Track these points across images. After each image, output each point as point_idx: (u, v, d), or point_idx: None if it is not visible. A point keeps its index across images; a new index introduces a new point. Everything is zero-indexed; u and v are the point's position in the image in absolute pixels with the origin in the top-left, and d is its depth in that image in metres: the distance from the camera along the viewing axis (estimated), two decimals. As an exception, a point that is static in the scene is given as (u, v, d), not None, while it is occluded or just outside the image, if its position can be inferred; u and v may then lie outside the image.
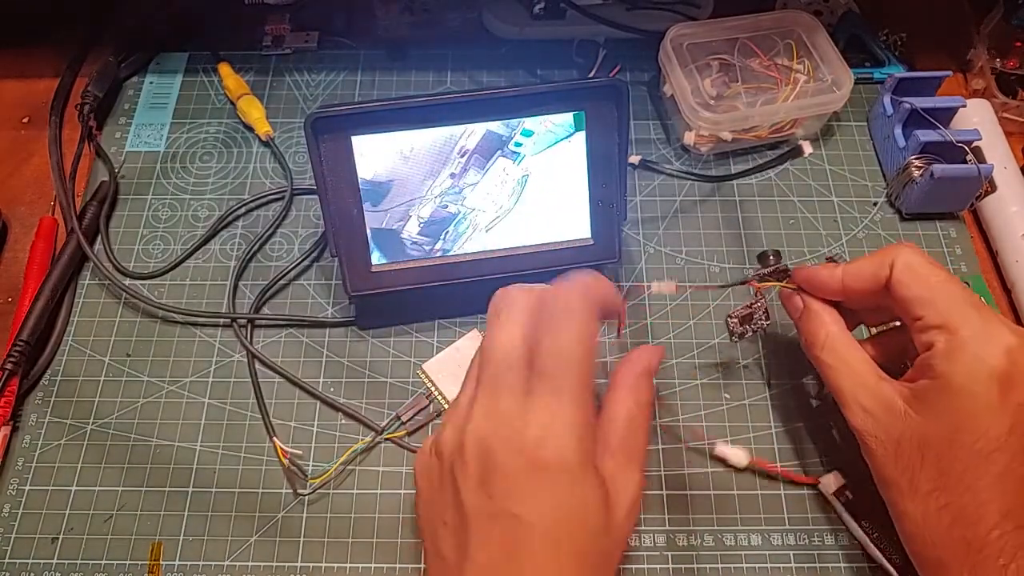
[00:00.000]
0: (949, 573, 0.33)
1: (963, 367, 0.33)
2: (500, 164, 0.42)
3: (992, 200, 0.49)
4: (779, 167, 0.53)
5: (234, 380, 0.45)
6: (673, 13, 0.55)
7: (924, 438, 0.33)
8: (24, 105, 0.56)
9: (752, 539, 0.41)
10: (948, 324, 0.33)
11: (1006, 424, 0.32)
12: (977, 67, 0.56)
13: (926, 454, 0.33)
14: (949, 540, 0.33)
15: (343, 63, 0.57)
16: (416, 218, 0.43)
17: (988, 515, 0.32)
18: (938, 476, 0.33)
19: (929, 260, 0.36)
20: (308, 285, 0.48)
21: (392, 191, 0.42)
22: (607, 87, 0.41)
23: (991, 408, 0.32)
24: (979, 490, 0.32)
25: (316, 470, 0.42)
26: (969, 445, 0.32)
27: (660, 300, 0.47)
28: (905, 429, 0.34)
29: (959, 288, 0.34)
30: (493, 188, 0.43)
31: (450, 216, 0.43)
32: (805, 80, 0.50)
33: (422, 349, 0.46)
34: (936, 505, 0.33)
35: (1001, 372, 0.32)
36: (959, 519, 0.32)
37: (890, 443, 0.35)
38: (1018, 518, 0.32)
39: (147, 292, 0.48)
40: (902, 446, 0.34)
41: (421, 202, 0.43)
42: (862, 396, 0.36)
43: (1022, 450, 0.32)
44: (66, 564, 0.40)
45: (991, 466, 0.32)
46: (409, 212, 0.43)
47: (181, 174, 0.52)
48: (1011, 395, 0.32)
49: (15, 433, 0.43)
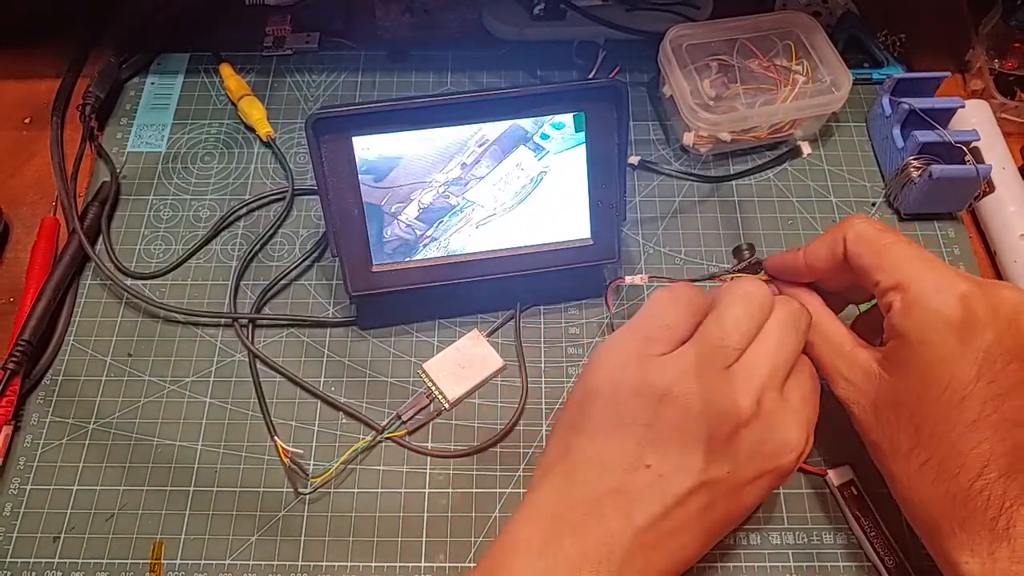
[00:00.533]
0: (942, 531, 0.33)
1: (919, 321, 0.33)
2: (518, 157, 0.42)
3: (990, 200, 0.49)
4: (778, 168, 0.53)
5: (235, 380, 0.45)
6: (672, 14, 0.55)
7: (896, 397, 0.34)
8: (25, 106, 0.56)
9: (751, 538, 0.41)
10: (901, 283, 0.34)
11: (971, 371, 0.32)
12: (975, 68, 0.56)
13: (900, 413, 0.34)
14: (935, 497, 0.33)
15: (344, 64, 0.58)
16: (417, 203, 0.43)
17: (968, 465, 0.32)
18: (915, 433, 0.34)
19: (880, 226, 0.37)
20: (309, 285, 0.48)
21: (397, 171, 0.42)
22: (607, 88, 0.41)
23: (952, 357, 0.32)
24: (954, 440, 0.32)
25: (317, 469, 0.42)
26: (937, 397, 0.33)
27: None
28: (880, 391, 0.35)
29: (909, 247, 0.35)
30: (500, 183, 0.43)
31: (447, 207, 0.43)
32: (804, 81, 0.51)
33: (422, 349, 0.46)
34: (917, 463, 0.33)
35: (957, 320, 0.32)
36: (940, 473, 0.33)
37: (870, 407, 0.36)
38: (1000, 466, 0.31)
39: (149, 292, 0.48)
40: (880, 408, 0.35)
41: (426, 187, 0.43)
42: (841, 365, 0.37)
43: (993, 396, 0.32)
44: (67, 563, 0.40)
45: (962, 414, 0.32)
46: (411, 195, 0.43)
47: (182, 174, 0.53)
48: (972, 341, 0.32)
49: (17, 432, 0.43)
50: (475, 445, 0.43)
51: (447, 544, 0.41)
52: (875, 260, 0.35)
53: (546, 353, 0.46)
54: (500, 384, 0.45)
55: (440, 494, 0.42)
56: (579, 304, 0.48)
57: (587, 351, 0.46)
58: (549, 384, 0.45)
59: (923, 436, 0.33)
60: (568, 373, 0.45)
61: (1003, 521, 0.31)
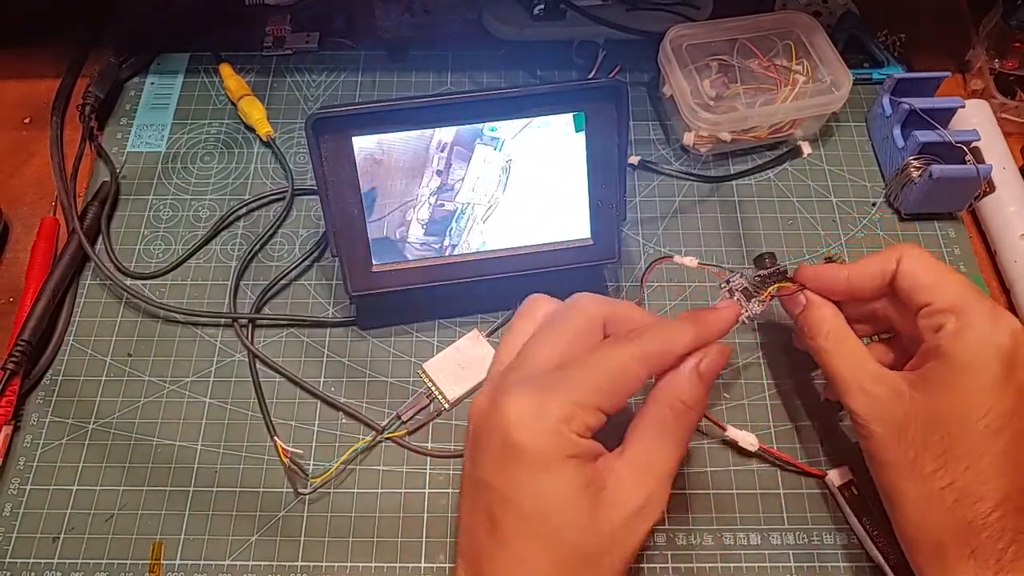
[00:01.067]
0: (948, 556, 0.33)
1: (971, 345, 0.34)
2: (480, 153, 0.42)
3: (991, 200, 0.49)
4: (778, 168, 0.53)
5: (235, 380, 0.45)
6: (673, 14, 0.55)
7: (931, 417, 0.34)
8: (25, 105, 0.56)
9: (751, 538, 0.41)
10: (956, 306, 0.34)
11: (1010, 403, 0.33)
12: (976, 68, 0.56)
13: (931, 434, 0.34)
14: (951, 521, 0.33)
15: (344, 64, 0.57)
16: (416, 221, 0.43)
17: (989, 495, 0.32)
18: (942, 454, 0.33)
19: (927, 252, 0.37)
20: (309, 285, 0.48)
21: (379, 201, 0.42)
22: (607, 88, 0.41)
23: (997, 386, 0.33)
24: (981, 469, 0.33)
25: (317, 469, 0.42)
26: (975, 422, 0.33)
27: (660, 300, 0.47)
28: (911, 410, 0.34)
29: (964, 278, 0.36)
30: (479, 180, 0.43)
31: (449, 213, 0.43)
32: (804, 81, 0.51)
33: (422, 349, 0.46)
34: (939, 485, 0.33)
35: (1007, 351, 0.33)
36: (961, 499, 0.33)
37: (893, 425, 0.35)
38: (1017, 500, 0.32)
39: (148, 292, 0.48)
40: (906, 428, 0.34)
41: (416, 204, 0.43)
42: (865, 380, 0.36)
43: (1023, 431, 0.33)
44: (67, 563, 0.40)
45: (994, 444, 0.33)
46: (407, 217, 0.43)
47: (182, 174, 0.53)
48: (1016, 375, 0.33)
49: (16, 433, 0.43)
50: (475, 445, 0.43)
51: (447, 544, 0.41)
52: (931, 281, 0.36)
53: (546, 353, 0.46)
54: (500, 384, 0.45)
55: (440, 494, 0.42)
56: (579, 304, 0.47)
57: (587, 351, 0.46)
58: (549, 384, 0.45)
59: (952, 459, 0.33)
60: (568, 373, 0.45)
61: (1011, 553, 0.32)
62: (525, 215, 0.44)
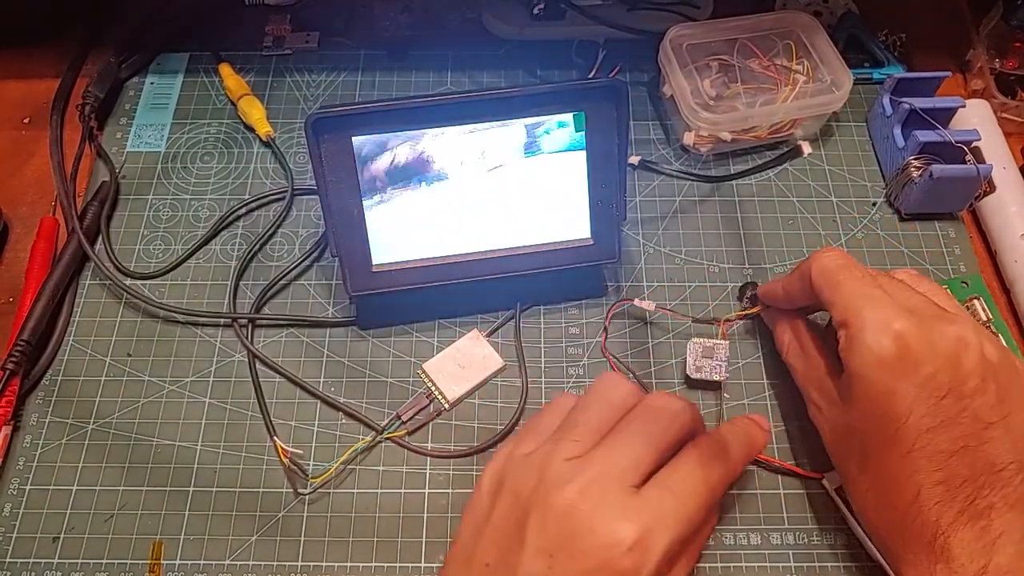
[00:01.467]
0: (890, 552, 0.35)
1: (858, 358, 0.35)
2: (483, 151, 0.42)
3: (991, 200, 0.49)
4: (778, 167, 0.53)
5: (235, 380, 0.45)
6: (673, 14, 0.55)
7: (847, 426, 0.36)
8: (25, 105, 0.56)
9: (751, 538, 0.41)
10: (846, 320, 0.35)
11: (903, 405, 0.33)
12: (976, 68, 0.56)
13: (851, 441, 0.36)
14: (880, 520, 0.36)
15: (343, 63, 0.57)
16: (416, 221, 0.43)
17: (904, 493, 0.34)
18: (861, 461, 0.36)
19: (840, 260, 0.37)
20: (309, 285, 0.48)
21: (377, 198, 0.42)
22: (607, 87, 0.41)
23: (887, 392, 0.34)
24: (892, 471, 0.34)
25: (317, 469, 0.42)
26: (874, 429, 0.35)
27: (660, 299, 0.47)
28: (837, 418, 0.37)
29: (860, 283, 0.36)
30: (480, 178, 0.43)
31: (449, 213, 0.43)
32: (804, 81, 0.51)
33: (422, 349, 0.46)
34: (863, 488, 0.36)
35: (890, 357, 0.34)
36: (881, 500, 0.35)
37: (831, 433, 0.38)
38: (936, 494, 0.33)
39: (148, 292, 0.48)
40: (837, 435, 0.38)
41: (416, 204, 0.43)
42: (812, 391, 0.39)
43: (927, 429, 0.33)
44: (67, 563, 0.40)
45: (896, 446, 0.34)
46: (407, 216, 0.43)
47: (182, 174, 0.53)
48: (906, 377, 0.33)
49: (16, 433, 0.43)
50: (475, 445, 0.43)
51: (447, 544, 0.40)
52: (829, 296, 0.37)
53: (546, 353, 0.46)
54: (500, 384, 0.45)
55: (440, 494, 0.42)
56: (579, 304, 0.47)
57: (587, 351, 0.46)
58: (549, 384, 0.45)
59: (867, 464, 0.36)
60: (568, 373, 0.45)
61: (940, 543, 0.33)
62: (525, 215, 0.44)
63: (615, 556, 0.31)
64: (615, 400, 0.36)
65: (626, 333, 0.47)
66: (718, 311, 0.47)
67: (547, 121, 0.42)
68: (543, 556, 0.31)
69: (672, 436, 0.35)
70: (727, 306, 0.47)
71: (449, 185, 0.42)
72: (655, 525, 0.32)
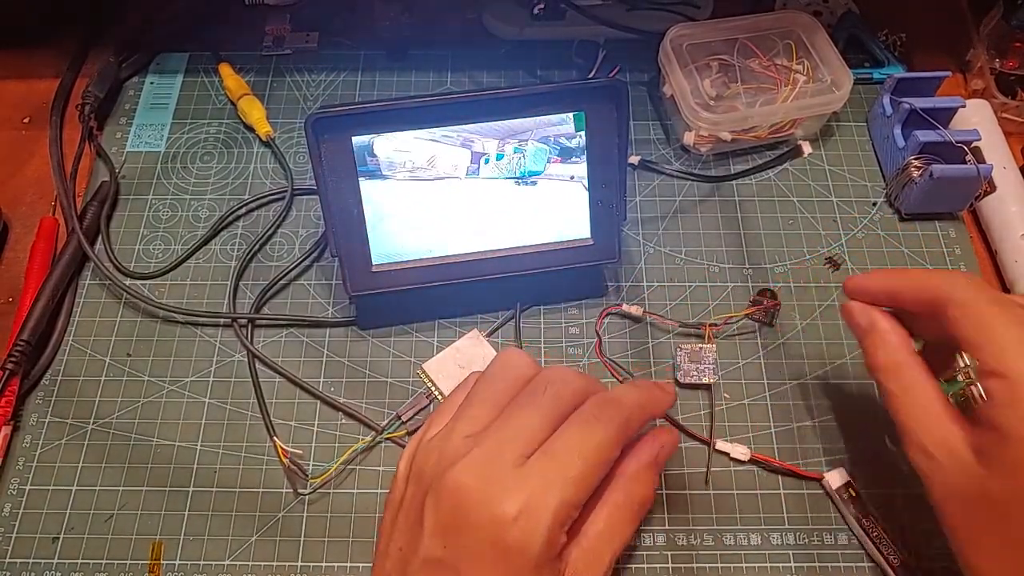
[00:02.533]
0: None
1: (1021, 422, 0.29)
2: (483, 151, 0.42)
3: (991, 200, 0.49)
4: (778, 167, 0.53)
5: (235, 380, 0.45)
6: (673, 14, 0.55)
7: (983, 494, 0.30)
8: (25, 105, 0.56)
9: (752, 538, 0.41)
10: (1002, 370, 0.30)
11: None
12: (976, 67, 0.56)
13: (992, 512, 0.30)
14: None
15: (343, 63, 0.57)
16: (416, 220, 0.43)
17: None
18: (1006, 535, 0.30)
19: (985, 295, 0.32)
20: (308, 285, 0.48)
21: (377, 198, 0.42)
22: (607, 87, 0.41)
23: None
24: None
25: (316, 469, 0.42)
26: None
27: (660, 299, 0.47)
28: (971, 481, 0.31)
29: (1018, 327, 0.31)
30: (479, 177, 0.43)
31: (449, 212, 0.43)
32: (804, 80, 0.51)
33: (422, 349, 0.46)
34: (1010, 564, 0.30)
35: None
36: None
37: (955, 492, 0.31)
38: None
39: (148, 292, 0.48)
40: (968, 498, 0.31)
41: (416, 203, 0.43)
42: (925, 436, 0.32)
43: None
44: (67, 564, 0.40)
45: None
46: (407, 216, 0.43)
47: (182, 174, 0.53)
48: None
49: (16, 433, 0.43)
50: (475, 445, 0.43)
51: (447, 545, 0.40)
52: (977, 337, 0.31)
53: (546, 353, 0.46)
54: (500, 384, 0.45)
55: (440, 494, 0.42)
56: (579, 304, 0.47)
57: (587, 351, 0.46)
58: (549, 384, 0.45)
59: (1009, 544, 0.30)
60: (568, 373, 0.45)
61: None
62: (525, 215, 0.44)
63: (502, 530, 0.30)
64: (513, 375, 0.35)
65: (625, 334, 0.47)
66: (718, 311, 0.47)
67: (547, 121, 0.41)
68: (439, 536, 0.31)
69: (565, 406, 0.34)
70: (727, 306, 0.47)
71: (449, 185, 0.42)
72: (539, 492, 0.31)
